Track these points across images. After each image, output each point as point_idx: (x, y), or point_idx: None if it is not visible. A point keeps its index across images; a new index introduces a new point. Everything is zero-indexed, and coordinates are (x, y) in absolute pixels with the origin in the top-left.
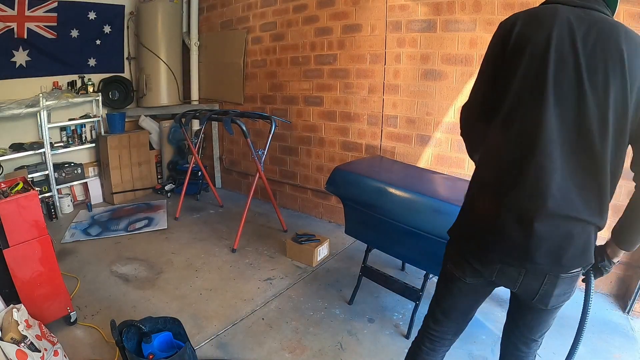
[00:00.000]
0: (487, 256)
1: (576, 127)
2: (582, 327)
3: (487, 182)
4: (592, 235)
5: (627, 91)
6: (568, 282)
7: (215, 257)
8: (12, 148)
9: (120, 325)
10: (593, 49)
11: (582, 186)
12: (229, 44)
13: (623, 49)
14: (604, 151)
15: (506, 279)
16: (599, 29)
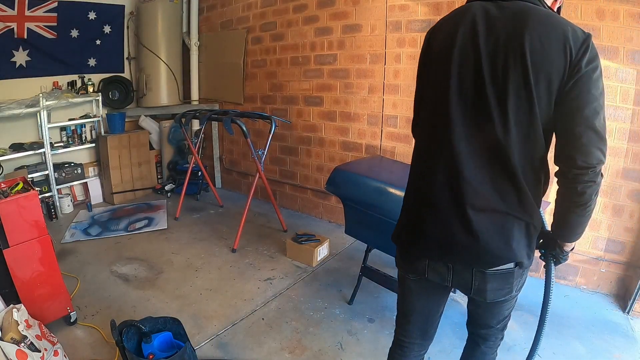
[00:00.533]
0: (414, 252)
1: (478, 123)
2: (544, 314)
3: (411, 181)
4: (515, 230)
5: (529, 83)
6: (499, 278)
7: (215, 257)
8: (12, 148)
9: (120, 325)
10: (495, 42)
11: (494, 180)
12: (229, 44)
13: (525, 40)
14: (509, 144)
15: (437, 275)
16: (504, 21)
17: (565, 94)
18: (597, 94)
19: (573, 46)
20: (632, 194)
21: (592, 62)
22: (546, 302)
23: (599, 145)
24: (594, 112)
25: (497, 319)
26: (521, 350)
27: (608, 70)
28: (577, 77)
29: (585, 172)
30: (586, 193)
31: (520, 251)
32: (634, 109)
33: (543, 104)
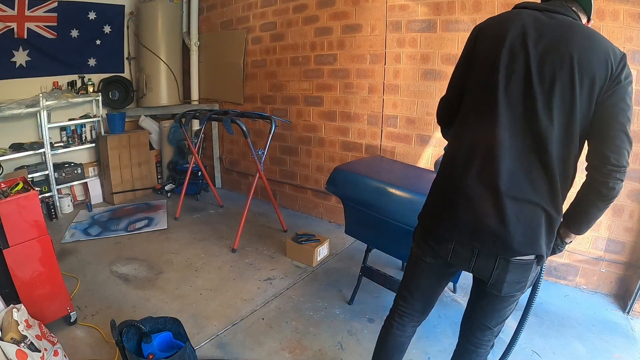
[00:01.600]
0: (440, 234)
1: (525, 126)
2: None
3: (444, 168)
4: (542, 222)
5: (574, 86)
6: (520, 269)
7: (215, 257)
8: (12, 148)
9: (120, 325)
10: (544, 46)
11: (530, 172)
12: (229, 44)
13: (573, 48)
14: (550, 140)
15: (460, 260)
16: (553, 32)
17: (604, 100)
18: (631, 104)
19: (614, 61)
20: (632, 194)
21: (628, 77)
22: (534, 291)
23: (628, 148)
24: (627, 119)
25: (498, 319)
26: (521, 350)
27: None
28: (616, 87)
29: (618, 170)
30: (615, 189)
31: (542, 244)
32: (634, 109)
33: (584, 108)
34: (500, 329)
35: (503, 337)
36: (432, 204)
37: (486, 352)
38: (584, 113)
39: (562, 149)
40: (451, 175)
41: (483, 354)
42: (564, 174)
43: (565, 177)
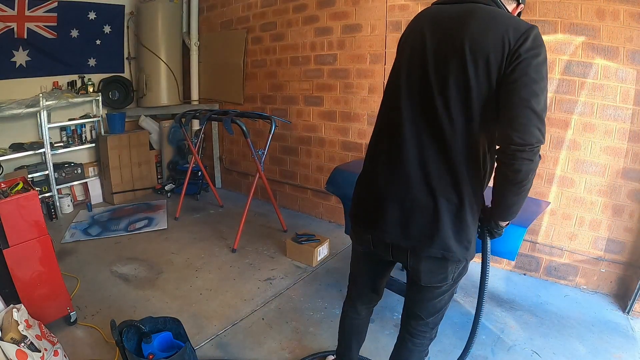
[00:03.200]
0: (359, 226)
1: (423, 107)
2: (482, 291)
3: (365, 160)
4: (444, 214)
5: (467, 70)
6: (432, 262)
7: (215, 257)
8: (12, 148)
9: (120, 325)
10: (440, 37)
11: (431, 164)
12: (229, 44)
13: (465, 34)
14: (447, 127)
15: (381, 249)
16: (449, 21)
17: (505, 77)
18: (538, 77)
19: (512, 36)
20: (632, 194)
21: (532, 50)
22: (484, 276)
23: (538, 125)
24: (533, 94)
25: (429, 310)
26: (521, 350)
27: (608, 70)
28: (516, 62)
29: (523, 149)
30: (522, 171)
31: (446, 237)
32: (634, 109)
33: (483, 91)
34: (435, 322)
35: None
36: (356, 193)
37: (422, 343)
38: (485, 96)
39: (464, 137)
40: (365, 168)
41: (419, 345)
42: (470, 163)
43: (473, 166)
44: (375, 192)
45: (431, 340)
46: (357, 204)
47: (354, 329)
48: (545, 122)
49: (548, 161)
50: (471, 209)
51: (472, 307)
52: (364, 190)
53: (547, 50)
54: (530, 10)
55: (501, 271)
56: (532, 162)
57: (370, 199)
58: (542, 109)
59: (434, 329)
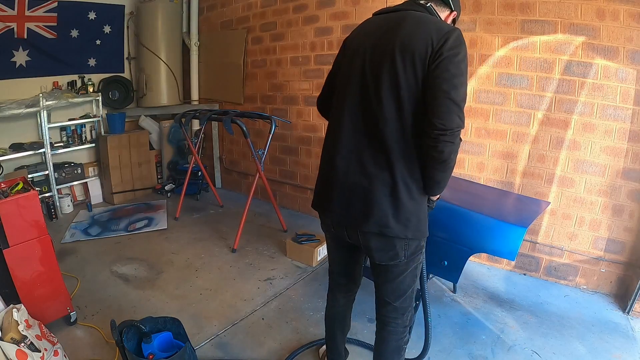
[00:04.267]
0: (318, 209)
1: (361, 112)
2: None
3: (322, 156)
4: (380, 194)
5: (396, 67)
6: (378, 239)
7: (215, 257)
8: (12, 148)
9: (120, 325)
10: (373, 46)
11: (367, 150)
12: (229, 44)
13: (396, 37)
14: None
15: (339, 231)
16: (384, 28)
17: (430, 73)
18: (457, 72)
19: (435, 37)
20: (632, 194)
21: (452, 49)
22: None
23: (457, 113)
24: (453, 86)
25: (394, 293)
26: (521, 350)
27: (608, 70)
28: (439, 60)
29: (444, 133)
30: (445, 152)
31: (384, 215)
32: (634, 109)
33: (410, 84)
34: (405, 307)
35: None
36: (316, 184)
37: (396, 330)
38: (412, 89)
39: (396, 125)
40: (321, 159)
41: (394, 332)
42: (402, 147)
43: (405, 150)
44: (325, 180)
45: (405, 328)
46: (315, 192)
47: (334, 317)
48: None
49: (548, 161)
50: (407, 189)
51: (473, 307)
52: (318, 180)
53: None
54: (530, 11)
55: (501, 271)
56: (453, 144)
57: (323, 187)
58: (462, 99)
59: (405, 314)
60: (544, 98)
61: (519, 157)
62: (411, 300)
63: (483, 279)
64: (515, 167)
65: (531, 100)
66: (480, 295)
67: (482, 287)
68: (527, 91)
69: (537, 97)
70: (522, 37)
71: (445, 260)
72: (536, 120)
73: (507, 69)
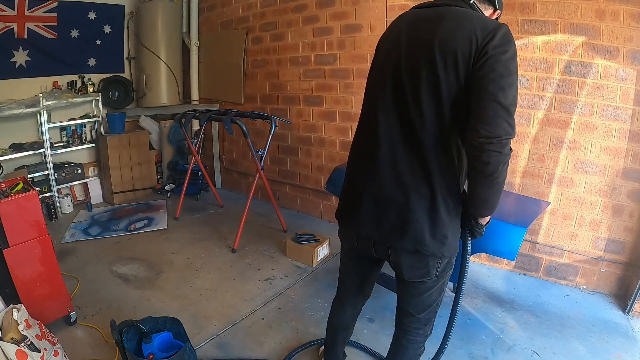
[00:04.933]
0: (342, 220)
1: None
2: (460, 290)
3: (349, 160)
4: (417, 210)
5: (435, 66)
6: (411, 256)
7: (215, 257)
8: (12, 148)
9: (120, 325)
10: (412, 37)
11: (405, 156)
12: (229, 44)
13: (436, 33)
14: (418, 122)
15: (364, 244)
16: (423, 23)
17: (474, 73)
18: (505, 73)
19: (479, 34)
20: (632, 194)
21: (499, 47)
22: (462, 277)
23: (506, 118)
24: (500, 88)
25: (419, 307)
26: (521, 350)
27: (608, 70)
28: (484, 59)
29: (490, 142)
30: (491, 163)
31: (421, 233)
32: (634, 109)
33: (452, 86)
34: (428, 319)
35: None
36: (342, 192)
37: (417, 340)
38: (454, 92)
39: (435, 131)
40: (347, 167)
41: (413, 342)
42: (442, 157)
43: (445, 160)
44: (354, 189)
45: (426, 337)
46: (341, 200)
47: (339, 325)
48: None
49: (548, 161)
50: (445, 203)
51: (473, 307)
52: (345, 189)
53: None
54: (530, 10)
55: (501, 271)
56: (500, 154)
57: (351, 196)
58: (510, 103)
59: (427, 325)
60: (544, 98)
61: (519, 157)
62: (435, 312)
63: (483, 279)
64: (515, 167)
65: (531, 100)
66: (480, 295)
67: (482, 287)
68: (527, 91)
69: (537, 97)
70: (522, 37)
71: None
72: (536, 120)
73: None
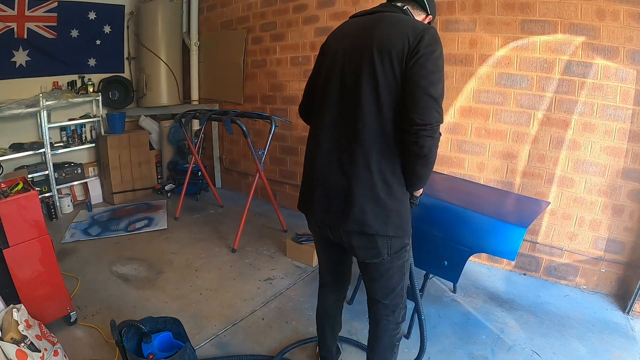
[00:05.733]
0: (302, 209)
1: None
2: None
3: (305, 156)
4: (359, 193)
5: (374, 64)
6: (363, 239)
7: (215, 257)
8: (12, 148)
9: (120, 325)
10: (351, 48)
11: (348, 147)
12: (229, 44)
13: (374, 36)
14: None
15: (323, 231)
16: (361, 29)
17: (407, 70)
18: (434, 69)
19: (411, 36)
20: (632, 194)
21: (428, 47)
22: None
23: (436, 108)
24: (430, 82)
25: (383, 291)
26: (521, 350)
27: (608, 70)
28: (416, 57)
29: (424, 128)
30: (425, 146)
31: (363, 213)
32: (634, 109)
33: (390, 82)
34: (395, 305)
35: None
36: (302, 181)
37: (388, 327)
38: (391, 88)
39: (374, 123)
40: (305, 159)
41: (385, 329)
42: (382, 144)
43: (385, 147)
44: (307, 181)
45: (397, 325)
46: (299, 194)
47: (324, 315)
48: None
49: (548, 161)
50: (385, 185)
51: (473, 307)
52: (302, 181)
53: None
54: (530, 11)
55: (501, 271)
56: (432, 138)
57: (305, 187)
58: (439, 95)
59: (396, 311)
60: (544, 98)
61: (519, 157)
62: (401, 297)
63: (483, 279)
64: (515, 167)
65: (531, 100)
66: (480, 295)
67: (482, 287)
68: (527, 91)
69: (537, 97)
70: (522, 37)
71: (445, 260)
72: (536, 120)
73: (507, 69)
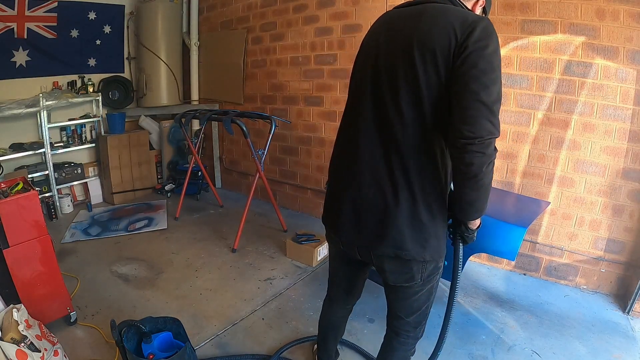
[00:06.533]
0: (326, 225)
1: (377, 113)
2: (452, 297)
3: (330, 165)
4: (397, 215)
5: (414, 63)
6: (394, 262)
7: (215, 257)
8: (12, 148)
9: (120, 325)
10: (389, 42)
11: (385, 161)
12: (229, 44)
13: (415, 30)
14: (397, 124)
15: (349, 248)
16: (402, 22)
17: (455, 70)
18: (488, 69)
19: (459, 29)
20: (632, 194)
21: (480, 41)
22: (454, 284)
23: (489, 117)
24: (483, 85)
25: (407, 310)
26: (521, 350)
27: (608, 70)
28: (464, 54)
29: (472, 142)
30: (474, 164)
31: (401, 238)
32: (634, 109)
33: (432, 84)
34: (418, 322)
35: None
36: (325, 196)
37: (407, 342)
38: (435, 91)
39: (415, 132)
40: (329, 172)
41: (404, 343)
42: (423, 158)
43: (427, 162)
44: (335, 193)
45: (416, 340)
46: (324, 204)
47: (330, 325)
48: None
49: (548, 161)
50: (427, 207)
51: (473, 307)
52: (328, 192)
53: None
54: (530, 10)
55: (501, 271)
56: (484, 155)
57: (332, 201)
58: (494, 100)
59: (418, 328)
60: (544, 98)
61: (519, 157)
62: (425, 315)
63: (483, 279)
64: (515, 167)
65: (531, 100)
66: (480, 295)
67: (482, 287)
68: (527, 91)
69: (537, 97)
70: (522, 37)
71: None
72: (536, 120)
73: (507, 69)
